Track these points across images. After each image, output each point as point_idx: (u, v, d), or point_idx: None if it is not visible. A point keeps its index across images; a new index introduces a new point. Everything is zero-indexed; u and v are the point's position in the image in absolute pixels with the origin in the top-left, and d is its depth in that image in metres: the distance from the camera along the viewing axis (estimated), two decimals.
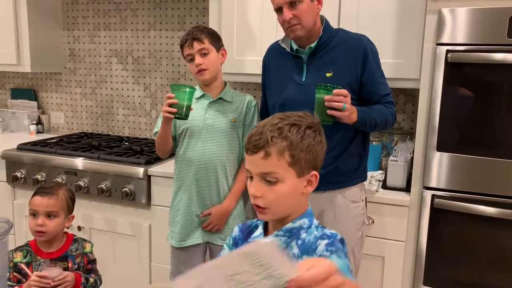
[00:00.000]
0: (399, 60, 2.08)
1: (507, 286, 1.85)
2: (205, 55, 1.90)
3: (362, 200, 1.88)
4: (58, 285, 1.60)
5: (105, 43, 3.13)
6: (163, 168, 2.37)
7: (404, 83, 2.11)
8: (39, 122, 3.30)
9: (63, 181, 2.47)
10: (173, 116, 1.78)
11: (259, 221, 1.18)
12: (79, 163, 2.47)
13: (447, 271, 1.95)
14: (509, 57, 1.73)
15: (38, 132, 3.26)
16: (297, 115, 1.11)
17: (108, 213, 2.47)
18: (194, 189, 1.96)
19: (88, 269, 1.79)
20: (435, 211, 1.92)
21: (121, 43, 3.08)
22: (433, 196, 1.91)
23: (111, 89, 3.16)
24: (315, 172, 1.10)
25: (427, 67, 1.90)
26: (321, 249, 1.04)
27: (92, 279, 1.76)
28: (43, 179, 2.53)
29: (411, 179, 1.98)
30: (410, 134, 2.36)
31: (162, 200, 2.32)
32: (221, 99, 1.98)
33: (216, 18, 2.39)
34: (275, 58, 1.94)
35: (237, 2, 2.33)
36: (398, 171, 2.08)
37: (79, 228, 2.47)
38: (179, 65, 2.95)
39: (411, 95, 2.46)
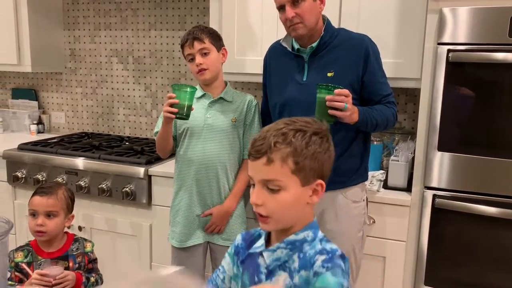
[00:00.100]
0: (400, 59, 2.08)
1: (508, 286, 1.85)
2: (206, 54, 1.89)
3: (363, 200, 1.88)
4: (59, 283, 1.60)
5: (105, 43, 3.12)
6: (164, 168, 2.36)
7: (405, 82, 2.11)
8: (39, 122, 3.30)
9: (64, 181, 2.47)
10: (174, 116, 1.78)
11: (262, 230, 1.13)
12: (79, 163, 2.47)
13: (448, 271, 1.95)
14: (510, 57, 1.73)
15: (39, 132, 3.26)
16: (303, 121, 1.05)
17: (109, 213, 2.47)
18: (195, 189, 1.95)
19: (89, 269, 1.78)
20: (436, 211, 1.91)
21: (121, 43, 3.08)
22: (434, 196, 1.91)
23: (112, 89, 3.16)
24: (320, 181, 1.04)
25: (428, 66, 1.89)
26: (317, 264, 0.99)
27: (93, 279, 1.75)
28: (44, 179, 2.52)
29: (412, 179, 1.98)
30: (411, 134, 2.36)
31: (163, 200, 2.31)
32: (221, 99, 1.97)
33: (216, 17, 2.39)
34: (276, 58, 1.93)
35: (237, 1, 2.32)
36: (399, 171, 2.08)
37: (79, 228, 2.47)
38: (179, 65, 2.94)
39: (412, 94, 2.46)
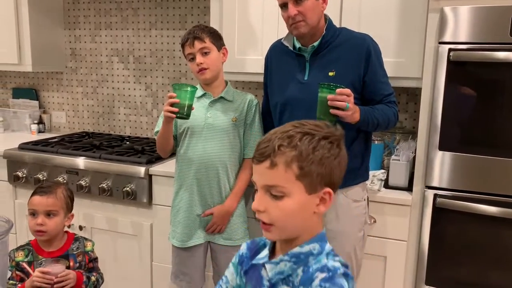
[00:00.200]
0: (401, 59, 2.08)
1: (509, 286, 1.85)
2: (206, 54, 1.89)
3: (364, 200, 1.88)
4: (61, 281, 1.60)
5: (106, 42, 3.12)
6: (164, 167, 2.36)
7: (406, 82, 2.11)
8: (40, 122, 3.30)
9: (65, 181, 2.47)
10: (174, 115, 1.78)
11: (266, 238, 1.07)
12: (80, 162, 2.47)
13: (449, 271, 1.94)
14: (511, 56, 1.72)
15: (40, 132, 3.26)
16: (313, 124, 0.98)
17: (110, 212, 2.47)
18: (195, 188, 1.95)
19: (89, 268, 1.78)
20: (437, 211, 1.91)
21: (122, 42, 3.08)
22: (435, 196, 1.91)
23: (113, 88, 3.16)
24: (328, 189, 0.96)
25: (429, 66, 1.89)
26: (316, 283, 0.92)
27: (94, 278, 1.75)
28: (45, 178, 2.52)
29: (413, 178, 1.97)
30: (412, 133, 2.36)
31: (163, 200, 2.31)
32: (222, 98, 1.97)
33: (217, 17, 2.38)
34: (277, 57, 1.93)
35: (238, 1, 2.32)
36: (400, 170, 2.08)
37: (80, 228, 2.47)
38: (180, 64, 2.94)
39: (413, 94, 2.45)
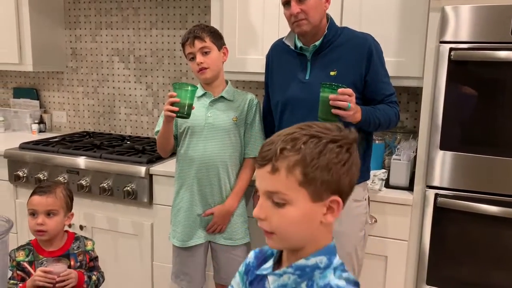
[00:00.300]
0: (402, 58, 2.07)
1: (511, 286, 1.84)
2: (207, 53, 1.89)
3: (365, 199, 1.87)
4: (62, 280, 1.60)
5: (107, 42, 3.12)
6: (165, 167, 2.36)
7: (407, 81, 2.10)
8: (41, 121, 3.30)
9: (65, 180, 2.47)
10: (174, 115, 1.77)
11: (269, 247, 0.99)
12: (81, 162, 2.47)
13: (450, 270, 1.94)
14: None
15: (40, 131, 3.26)
16: (322, 126, 0.89)
17: (110, 212, 2.47)
18: (196, 188, 1.95)
19: (90, 267, 1.79)
20: (438, 210, 1.90)
21: (123, 42, 3.08)
22: (436, 195, 1.90)
23: (113, 88, 3.16)
24: (335, 198, 0.87)
25: (430, 65, 1.89)
26: None
27: (95, 277, 1.76)
28: (45, 178, 2.52)
29: (414, 178, 1.97)
30: (413, 133, 2.35)
31: (164, 199, 2.31)
32: (222, 97, 1.97)
33: (218, 16, 2.38)
34: (278, 56, 1.93)
35: (239, 0, 2.32)
36: (401, 170, 2.07)
37: (81, 227, 2.47)
38: (181, 63, 2.94)
39: (414, 93, 2.45)
